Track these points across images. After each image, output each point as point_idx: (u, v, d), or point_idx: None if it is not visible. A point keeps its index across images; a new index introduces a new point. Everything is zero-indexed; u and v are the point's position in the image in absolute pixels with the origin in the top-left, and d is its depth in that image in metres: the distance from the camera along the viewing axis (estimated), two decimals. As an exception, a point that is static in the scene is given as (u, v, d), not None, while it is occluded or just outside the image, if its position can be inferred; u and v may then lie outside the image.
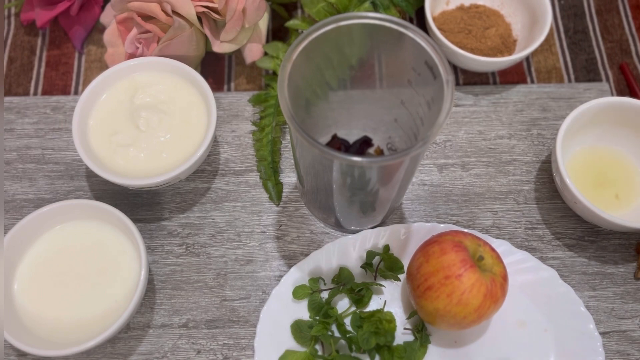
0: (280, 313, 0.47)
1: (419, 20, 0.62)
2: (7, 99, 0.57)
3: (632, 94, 0.59)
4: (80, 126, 0.50)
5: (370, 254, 0.49)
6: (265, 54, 0.57)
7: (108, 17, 0.58)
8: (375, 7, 0.55)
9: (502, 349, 0.47)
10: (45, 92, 0.58)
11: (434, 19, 0.58)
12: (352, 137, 0.52)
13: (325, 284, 0.49)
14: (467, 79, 0.59)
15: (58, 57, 0.60)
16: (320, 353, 0.46)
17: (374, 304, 0.48)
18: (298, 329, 0.47)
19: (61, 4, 0.58)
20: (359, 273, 0.49)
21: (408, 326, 0.48)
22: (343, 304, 0.48)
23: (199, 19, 0.54)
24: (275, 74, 0.57)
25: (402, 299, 0.49)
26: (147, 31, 0.53)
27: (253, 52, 0.57)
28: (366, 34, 0.42)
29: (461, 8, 0.60)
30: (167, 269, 0.51)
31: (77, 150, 0.48)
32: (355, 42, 0.43)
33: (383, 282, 0.49)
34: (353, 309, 0.48)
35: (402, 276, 0.49)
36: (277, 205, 0.53)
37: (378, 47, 0.44)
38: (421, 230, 0.50)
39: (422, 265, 0.44)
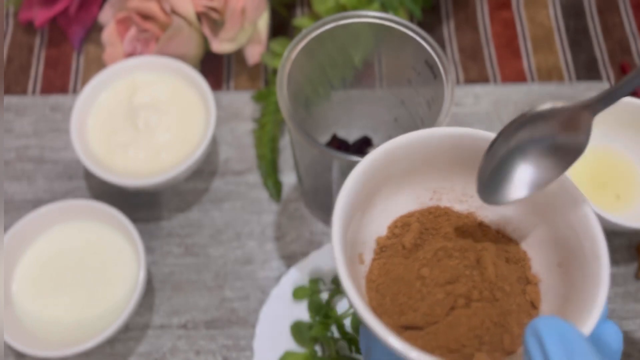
0: (279, 314, 0.47)
1: (430, 23, 0.61)
2: (5, 98, 0.57)
3: (633, 93, 0.58)
4: (78, 126, 0.49)
5: (370, 255, 0.48)
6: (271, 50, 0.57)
7: (107, 16, 0.57)
8: (384, 8, 0.55)
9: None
10: (43, 92, 0.58)
11: None
12: (351, 136, 0.52)
13: (324, 285, 0.48)
14: (468, 78, 0.59)
15: (56, 56, 0.60)
16: (320, 354, 0.46)
17: (374, 305, 0.48)
18: (298, 330, 0.46)
19: (60, 3, 0.57)
20: (358, 273, 0.49)
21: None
22: (343, 305, 0.48)
23: (198, 18, 0.53)
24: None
25: (402, 300, 0.49)
26: (146, 30, 0.53)
27: (255, 53, 0.56)
28: (366, 33, 0.42)
29: None
30: (166, 269, 0.51)
31: (76, 150, 0.48)
32: (355, 41, 0.42)
33: (383, 283, 0.49)
34: (353, 309, 0.48)
35: (402, 276, 0.49)
36: (278, 202, 0.53)
37: (378, 46, 0.43)
38: (421, 230, 0.49)
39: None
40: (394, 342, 0.25)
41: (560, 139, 0.29)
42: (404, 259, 0.31)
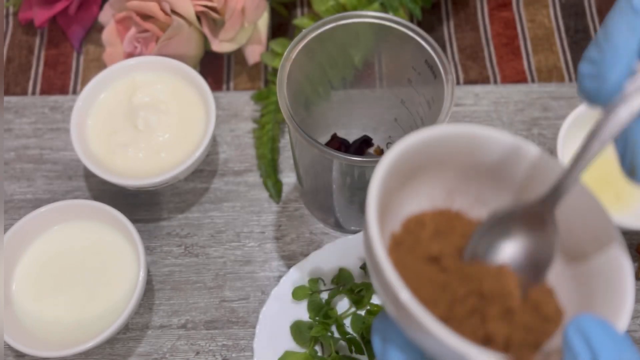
0: (279, 314, 0.47)
1: (430, 23, 0.61)
2: (5, 98, 0.57)
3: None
4: (78, 126, 0.49)
5: (370, 255, 0.48)
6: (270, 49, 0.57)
7: (106, 16, 0.57)
8: (384, 8, 0.55)
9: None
10: (43, 92, 0.58)
11: None
12: (351, 136, 0.52)
13: (324, 285, 0.48)
14: (468, 78, 0.59)
15: (56, 56, 0.60)
16: (320, 354, 0.46)
17: (374, 305, 0.48)
18: (298, 330, 0.46)
19: (59, 3, 0.57)
20: (358, 274, 0.49)
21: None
22: (343, 305, 0.48)
23: (198, 18, 0.53)
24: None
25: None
26: (146, 30, 0.53)
27: (255, 53, 0.56)
28: (366, 33, 0.42)
29: None
30: (166, 269, 0.51)
31: (75, 150, 0.48)
32: (355, 41, 0.43)
33: (383, 283, 0.49)
34: (353, 309, 0.48)
35: (402, 277, 0.49)
36: (278, 203, 0.53)
37: (378, 46, 0.43)
38: (421, 230, 0.49)
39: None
40: (443, 332, 0.24)
41: (530, 234, 0.30)
42: (421, 254, 0.31)
